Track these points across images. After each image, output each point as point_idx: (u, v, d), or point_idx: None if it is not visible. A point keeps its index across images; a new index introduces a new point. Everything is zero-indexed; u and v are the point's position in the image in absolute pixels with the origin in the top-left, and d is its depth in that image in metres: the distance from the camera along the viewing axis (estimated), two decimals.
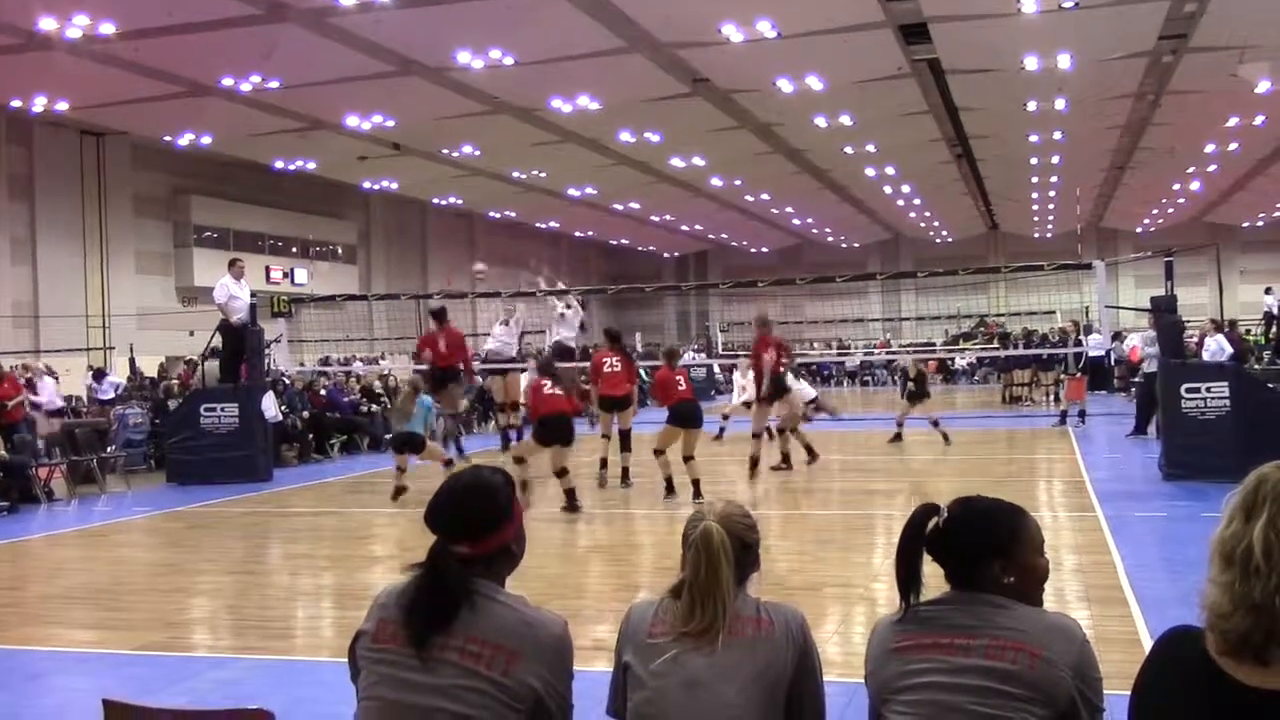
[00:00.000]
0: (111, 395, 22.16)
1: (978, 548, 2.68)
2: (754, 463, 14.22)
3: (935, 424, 18.38)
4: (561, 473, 12.24)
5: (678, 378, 13.30)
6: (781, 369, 14.39)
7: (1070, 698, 2.52)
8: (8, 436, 14.89)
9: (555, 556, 9.91)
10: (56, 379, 22.31)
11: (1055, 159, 34.15)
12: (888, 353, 41.02)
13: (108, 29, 18.59)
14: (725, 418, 19.88)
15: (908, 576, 2.69)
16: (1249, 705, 1.99)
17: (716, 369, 35.43)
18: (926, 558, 2.71)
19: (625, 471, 14.17)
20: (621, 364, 14.25)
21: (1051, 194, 41.29)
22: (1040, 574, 2.74)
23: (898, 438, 18.61)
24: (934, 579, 2.75)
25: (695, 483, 12.50)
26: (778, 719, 2.70)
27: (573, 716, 2.78)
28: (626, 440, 14.32)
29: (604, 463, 14.61)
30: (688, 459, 12.80)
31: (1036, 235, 51.64)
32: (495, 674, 2.64)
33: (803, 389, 17.46)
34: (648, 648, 2.78)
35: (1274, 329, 30.61)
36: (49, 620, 8.08)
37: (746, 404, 16.95)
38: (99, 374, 24.15)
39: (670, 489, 12.90)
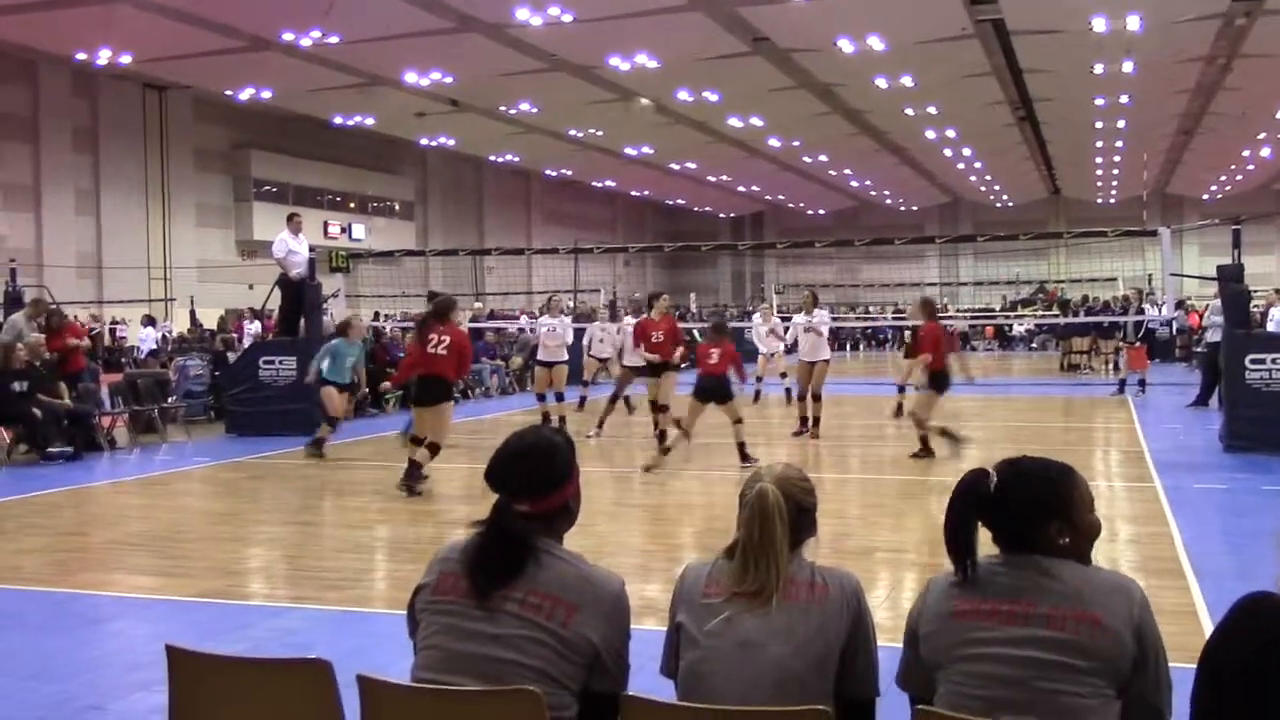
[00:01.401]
0: (153, 347, 22.46)
1: (1034, 509, 2.64)
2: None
3: (901, 390, 16.90)
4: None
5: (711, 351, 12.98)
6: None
7: (1132, 663, 2.49)
8: (72, 385, 15.16)
9: (606, 515, 9.95)
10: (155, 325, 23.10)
11: (1121, 123, 33.52)
12: (946, 318, 40.64)
13: None
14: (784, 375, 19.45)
15: (963, 545, 2.65)
16: None
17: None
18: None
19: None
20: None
21: (1116, 159, 40.57)
22: (1094, 531, 2.71)
23: (899, 409, 16.54)
24: (985, 535, 2.72)
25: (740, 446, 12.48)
26: (829, 683, 2.70)
27: (629, 675, 2.80)
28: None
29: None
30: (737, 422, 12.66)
31: (1099, 201, 50.81)
32: (555, 625, 2.68)
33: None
34: (702, 608, 2.79)
35: None
36: (112, 566, 8.26)
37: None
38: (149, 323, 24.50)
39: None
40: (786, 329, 17.65)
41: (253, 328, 25.38)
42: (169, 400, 17.10)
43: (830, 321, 17.33)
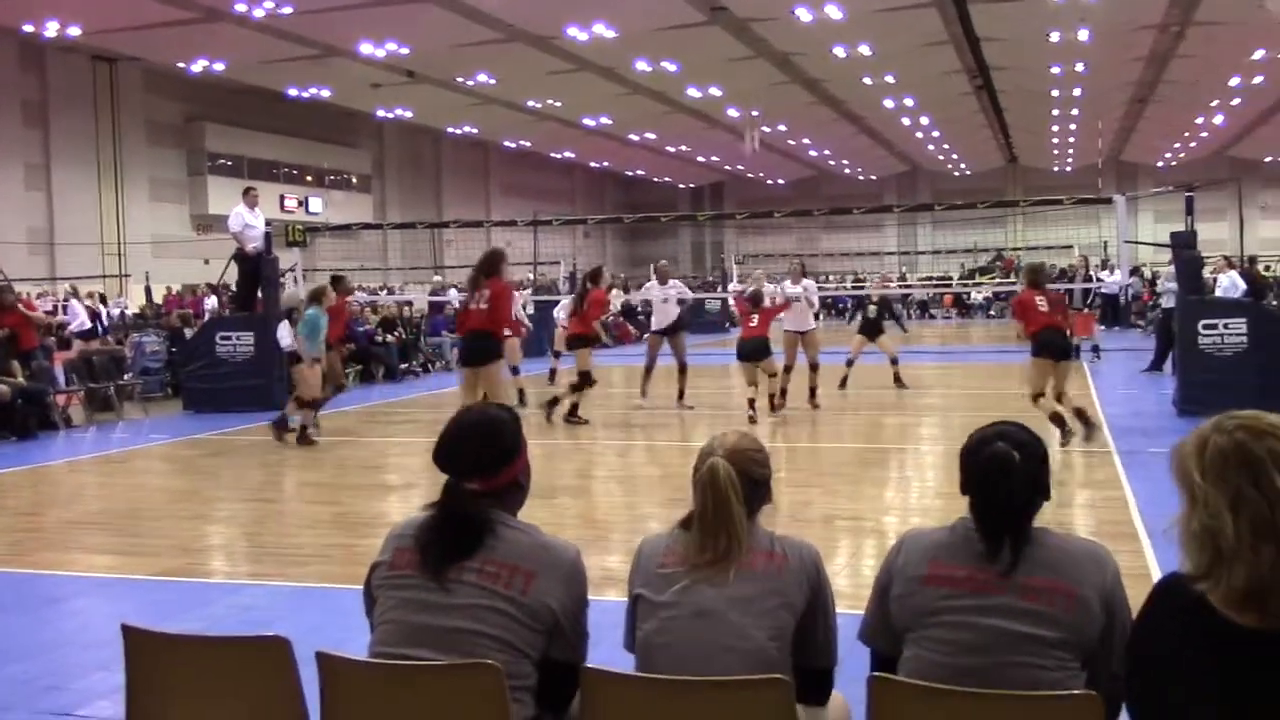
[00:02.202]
0: (85, 326, 21.90)
1: (1038, 479, 2.66)
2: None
3: (894, 362, 16.72)
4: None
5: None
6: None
7: (1099, 633, 2.53)
8: (25, 363, 14.96)
9: (568, 488, 9.96)
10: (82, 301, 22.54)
11: (1077, 91, 33.74)
12: (903, 286, 40.81)
13: None
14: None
15: (1008, 523, 2.59)
16: (1250, 642, 1.98)
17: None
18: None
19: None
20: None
21: (1072, 127, 40.84)
22: None
23: (844, 382, 16.28)
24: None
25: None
26: (788, 651, 2.72)
27: (588, 644, 2.82)
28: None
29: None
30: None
31: (1055, 169, 51.16)
32: (514, 593, 2.69)
33: None
34: (659, 578, 2.80)
35: None
36: (68, 545, 8.18)
37: None
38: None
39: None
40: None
41: (211, 303, 25.14)
42: (125, 377, 16.93)
43: (817, 291, 17.26)
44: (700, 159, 49.34)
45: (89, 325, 21.40)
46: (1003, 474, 2.59)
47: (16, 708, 4.76)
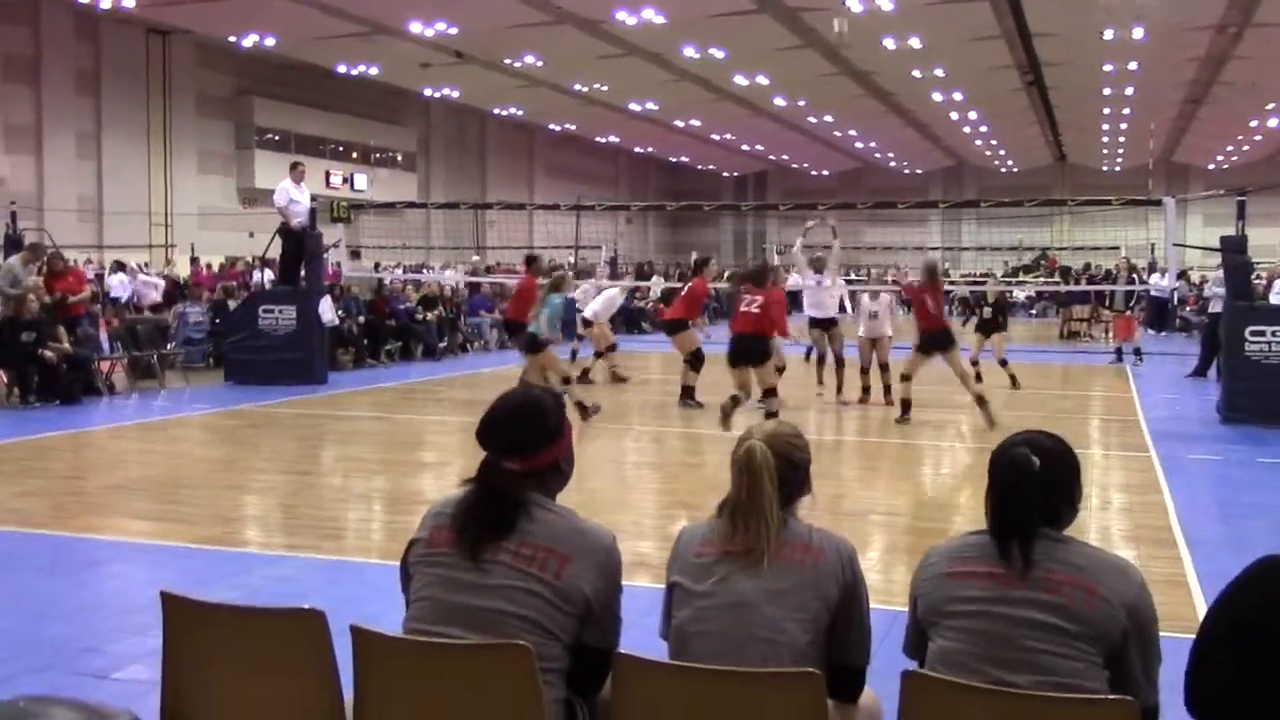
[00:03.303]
0: (125, 295, 22.17)
1: (1067, 487, 2.70)
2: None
3: (1004, 363, 16.39)
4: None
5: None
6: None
7: (1122, 636, 2.53)
8: (71, 330, 15.15)
9: (603, 473, 9.99)
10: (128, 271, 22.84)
11: (1129, 90, 33.29)
12: (948, 283, 40.50)
13: None
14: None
15: (1018, 525, 2.63)
16: None
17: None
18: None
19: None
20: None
21: (1123, 126, 40.33)
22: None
23: (978, 377, 15.04)
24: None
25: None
26: (822, 645, 2.71)
27: (620, 629, 2.82)
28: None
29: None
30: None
31: (1105, 168, 50.54)
32: (548, 576, 2.70)
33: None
34: (695, 567, 2.80)
35: None
36: (108, 510, 8.30)
37: None
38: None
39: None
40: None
41: (260, 276, 25.15)
42: (168, 346, 17.11)
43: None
44: (745, 147, 49.14)
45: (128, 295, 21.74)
46: (1020, 478, 2.64)
47: (54, 668, 4.83)
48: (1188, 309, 31.09)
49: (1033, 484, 2.63)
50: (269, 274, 22.63)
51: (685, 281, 14.92)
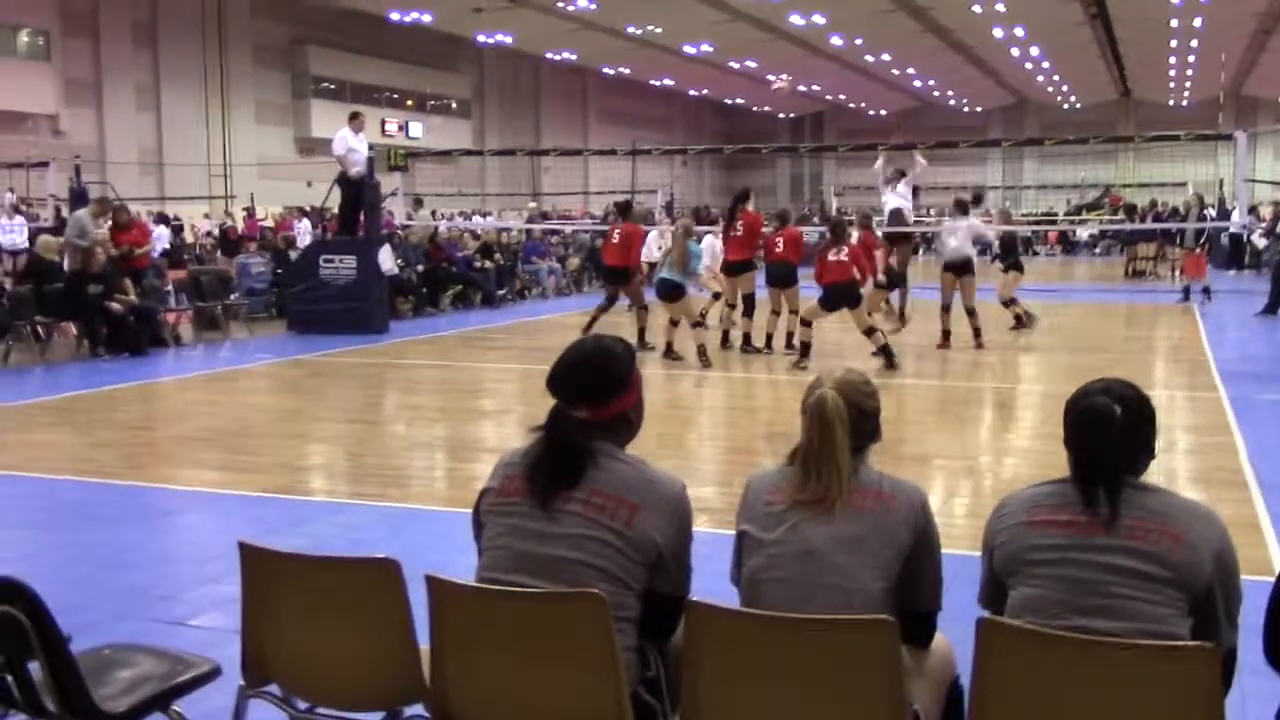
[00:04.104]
0: (165, 248, 22.26)
1: (1145, 436, 2.67)
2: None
3: (1008, 304, 15.28)
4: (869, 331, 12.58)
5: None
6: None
7: (1208, 584, 2.50)
8: (137, 282, 15.37)
9: (665, 417, 10.01)
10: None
11: (1197, 21, 32.43)
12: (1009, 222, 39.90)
13: None
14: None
15: (1105, 474, 2.59)
16: None
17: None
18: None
19: (746, 336, 14.12)
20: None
21: (1190, 59, 39.35)
22: None
23: (1019, 321, 15.04)
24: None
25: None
26: (894, 590, 2.71)
27: (691, 577, 2.83)
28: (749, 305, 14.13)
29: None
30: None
31: (1171, 103, 49.40)
32: (618, 525, 2.71)
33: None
34: (766, 516, 2.80)
35: None
36: (178, 460, 8.44)
37: None
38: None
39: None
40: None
41: (303, 225, 25.32)
42: (231, 297, 17.32)
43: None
44: (801, 88, 48.57)
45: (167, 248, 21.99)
46: (1101, 426, 2.60)
47: (133, 616, 4.95)
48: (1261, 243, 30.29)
49: (1116, 431, 2.59)
50: (307, 224, 22.79)
51: (727, 220, 14.55)
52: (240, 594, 2.93)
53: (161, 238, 22.72)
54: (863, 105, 53.59)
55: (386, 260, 17.46)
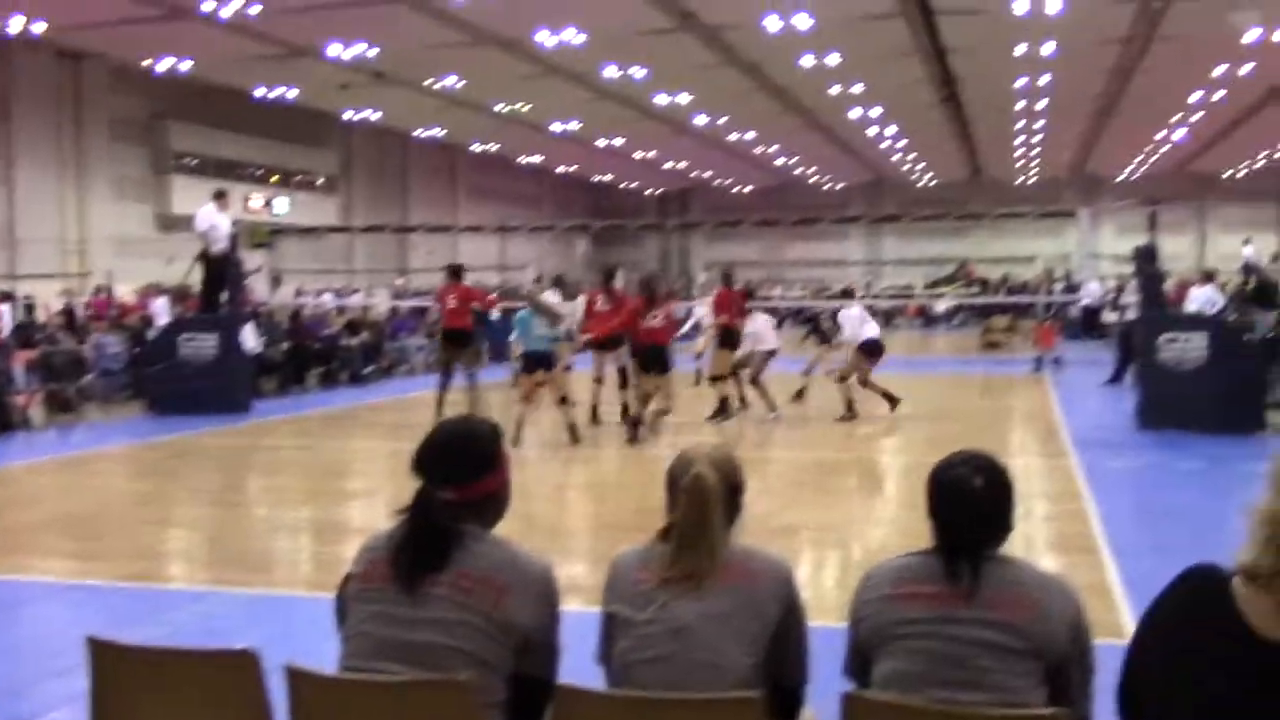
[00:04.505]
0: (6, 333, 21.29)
1: (1008, 503, 2.74)
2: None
3: (807, 374, 16.38)
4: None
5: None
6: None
7: (1064, 654, 2.58)
8: None
9: (533, 495, 9.95)
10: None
11: (1041, 104, 33.97)
12: (872, 296, 40.98)
13: None
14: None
15: (966, 545, 2.66)
16: (1272, 660, 1.97)
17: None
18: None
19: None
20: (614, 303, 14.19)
21: (1036, 139, 41.10)
22: None
23: (801, 393, 15.96)
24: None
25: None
26: (763, 665, 2.73)
27: (559, 660, 2.81)
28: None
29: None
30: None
31: (1020, 180, 51.50)
32: (486, 607, 2.68)
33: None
34: (635, 595, 2.80)
35: (1252, 280, 30.72)
36: (27, 549, 8.08)
37: None
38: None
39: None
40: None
41: (159, 304, 24.59)
42: (86, 378, 16.75)
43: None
44: (668, 165, 49.36)
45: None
46: (963, 499, 2.68)
47: None
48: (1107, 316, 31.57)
49: (977, 504, 2.67)
50: (164, 302, 22.19)
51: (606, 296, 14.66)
52: (90, 690, 2.82)
53: (2, 315, 21.80)
54: (728, 182, 54.65)
55: (250, 338, 17.13)
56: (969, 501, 2.67)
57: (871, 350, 14.70)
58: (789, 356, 16.97)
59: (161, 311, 22.37)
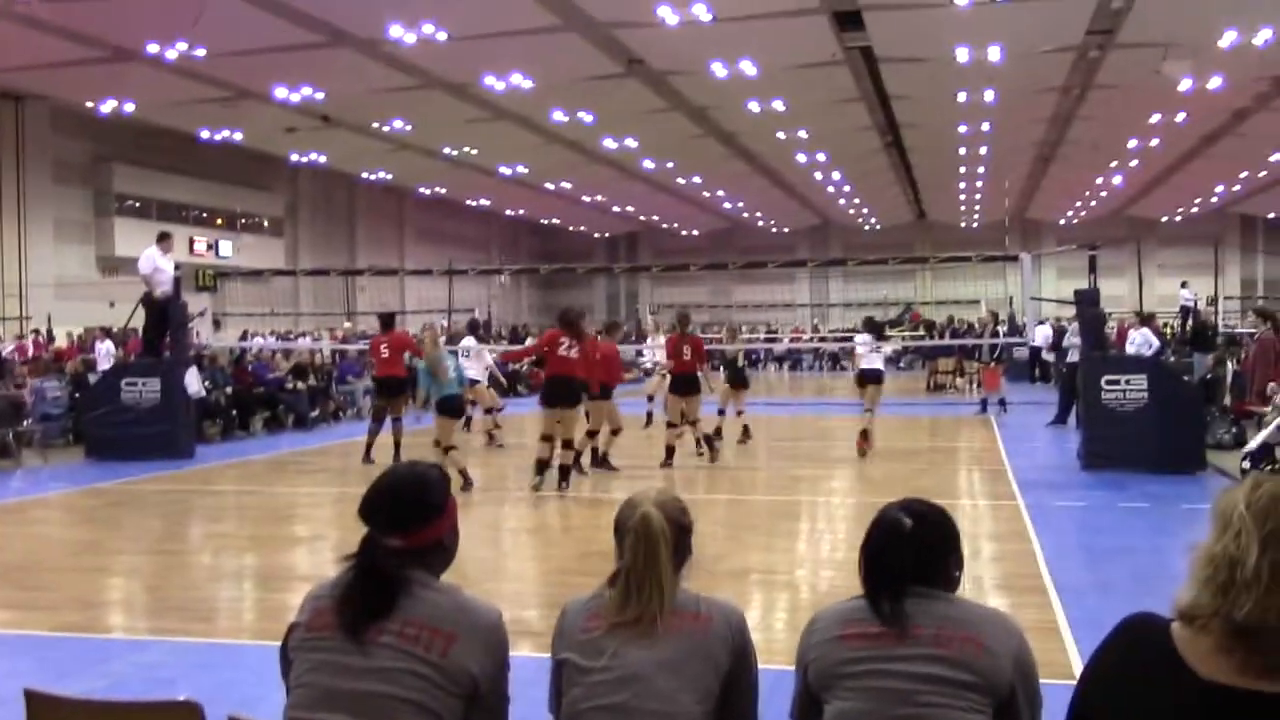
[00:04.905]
0: None
1: (944, 547, 2.78)
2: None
3: (739, 413, 16.79)
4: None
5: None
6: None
7: (1010, 687, 2.60)
8: None
9: (479, 539, 9.88)
10: None
11: (983, 150, 34.58)
12: (818, 338, 41.32)
13: None
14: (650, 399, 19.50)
15: (889, 584, 2.71)
16: (1213, 701, 2.00)
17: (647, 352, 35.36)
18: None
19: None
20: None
21: (979, 184, 41.82)
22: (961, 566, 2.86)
23: (718, 433, 15.72)
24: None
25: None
26: (712, 713, 2.72)
27: (509, 708, 2.78)
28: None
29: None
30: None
31: (963, 225, 52.28)
32: (433, 656, 2.64)
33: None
34: (585, 643, 2.78)
35: (1190, 323, 31.31)
36: None
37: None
38: None
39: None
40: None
41: (104, 347, 24.34)
42: (24, 423, 16.45)
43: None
44: (616, 209, 49.60)
45: None
46: (890, 538, 2.74)
47: None
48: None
49: (904, 543, 2.72)
50: (109, 346, 21.92)
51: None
52: None
53: None
54: (676, 225, 54.99)
55: (193, 382, 16.91)
56: (894, 540, 2.73)
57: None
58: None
59: (105, 355, 22.09)
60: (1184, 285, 35.20)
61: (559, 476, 12.35)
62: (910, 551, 2.72)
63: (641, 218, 52.72)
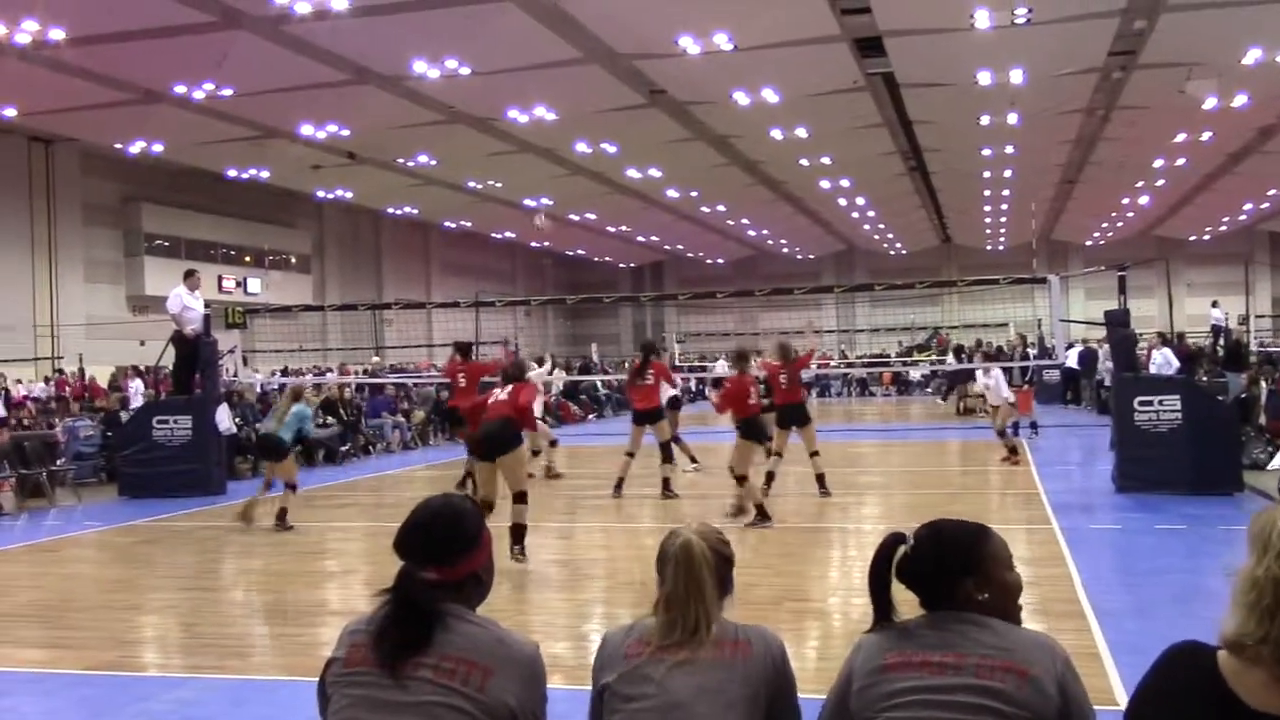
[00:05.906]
0: None
1: (948, 568, 2.71)
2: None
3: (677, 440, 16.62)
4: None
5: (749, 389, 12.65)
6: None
7: (1057, 713, 2.55)
8: None
9: (510, 572, 9.85)
10: None
11: (1007, 172, 34.49)
12: (846, 364, 41.18)
13: (57, 35, 18.28)
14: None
15: (881, 603, 2.74)
16: None
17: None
18: (899, 584, 2.74)
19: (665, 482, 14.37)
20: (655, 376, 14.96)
21: (1004, 207, 41.71)
22: (1013, 589, 2.79)
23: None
24: (910, 603, 2.77)
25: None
26: None
27: None
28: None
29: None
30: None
31: (989, 247, 52.14)
32: (471, 690, 2.63)
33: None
34: (627, 670, 2.78)
35: (1221, 342, 31.06)
36: None
37: None
38: None
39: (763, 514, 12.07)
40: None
41: (136, 385, 24.57)
42: (58, 463, 16.57)
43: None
44: (640, 239, 49.74)
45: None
46: (880, 561, 2.77)
47: None
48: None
49: (887, 563, 2.74)
50: (139, 384, 22.06)
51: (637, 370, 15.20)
52: None
53: None
54: (700, 254, 55.07)
55: (224, 419, 17.01)
56: (906, 567, 2.73)
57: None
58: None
59: (137, 393, 22.28)
60: (1215, 304, 34.92)
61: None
62: (907, 572, 2.72)
63: (666, 247, 52.82)
